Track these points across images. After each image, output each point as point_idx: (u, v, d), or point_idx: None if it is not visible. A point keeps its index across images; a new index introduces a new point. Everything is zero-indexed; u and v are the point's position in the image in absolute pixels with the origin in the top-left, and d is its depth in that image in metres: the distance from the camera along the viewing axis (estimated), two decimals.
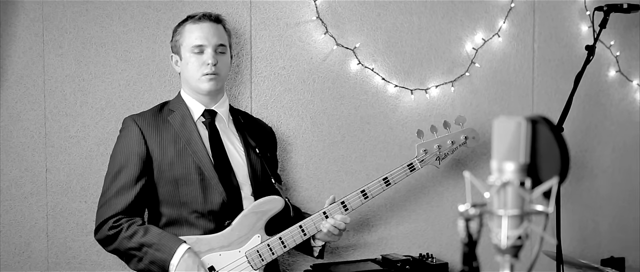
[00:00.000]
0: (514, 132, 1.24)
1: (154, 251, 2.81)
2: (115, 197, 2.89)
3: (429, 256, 3.60)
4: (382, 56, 3.75)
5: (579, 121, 4.19)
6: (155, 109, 3.07)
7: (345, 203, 3.09)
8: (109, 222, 2.87)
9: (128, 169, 2.91)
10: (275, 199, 3.02)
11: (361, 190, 3.13)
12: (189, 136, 2.98)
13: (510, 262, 1.25)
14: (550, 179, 1.24)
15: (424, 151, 3.24)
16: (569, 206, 4.17)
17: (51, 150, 3.24)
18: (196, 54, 2.99)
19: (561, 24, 4.14)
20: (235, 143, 3.10)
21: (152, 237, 2.82)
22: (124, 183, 2.90)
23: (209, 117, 3.06)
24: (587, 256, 4.19)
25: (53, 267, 3.27)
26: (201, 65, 2.99)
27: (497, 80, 4.00)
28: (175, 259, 2.79)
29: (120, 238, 2.84)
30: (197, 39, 2.99)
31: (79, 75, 3.26)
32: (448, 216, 3.92)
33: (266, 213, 3.00)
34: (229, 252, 2.94)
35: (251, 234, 2.97)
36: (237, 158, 3.06)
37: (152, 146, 2.93)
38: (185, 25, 3.04)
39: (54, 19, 3.21)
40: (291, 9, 3.56)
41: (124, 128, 3.00)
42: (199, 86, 3.01)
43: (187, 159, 2.94)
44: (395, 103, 3.78)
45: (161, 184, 2.94)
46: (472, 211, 1.23)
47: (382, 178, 3.17)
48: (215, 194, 2.94)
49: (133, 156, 2.91)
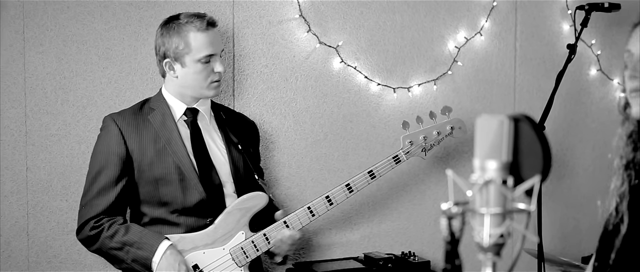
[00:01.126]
0: (496, 131, 1.24)
1: (135, 250, 2.79)
2: (96, 198, 2.88)
3: (411, 254, 3.61)
4: (365, 54, 3.75)
5: (560, 120, 4.22)
6: (135, 107, 3.03)
7: (330, 197, 3.07)
8: (90, 223, 2.85)
9: (108, 170, 2.88)
10: (259, 195, 3.01)
11: (346, 184, 3.11)
12: (169, 135, 2.96)
13: (492, 260, 1.25)
14: (532, 177, 1.25)
15: (409, 143, 3.20)
16: (550, 204, 4.19)
17: (32, 148, 3.22)
18: (204, 63, 2.93)
19: (543, 23, 4.16)
20: (217, 141, 3.09)
21: (133, 236, 2.81)
22: (105, 184, 2.88)
23: (190, 116, 3.03)
24: (568, 253, 4.21)
25: (34, 267, 3.24)
26: (210, 74, 2.95)
27: (479, 78, 4.01)
28: (157, 257, 2.78)
29: (102, 238, 2.82)
30: (208, 49, 2.92)
31: (60, 73, 3.24)
32: (430, 214, 3.93)
33: (250, 209, 2.98)
34: (213, 250, 2.93)
35: (235, 231, 2.96)
36: (219, 156, 3.05)
37: (131, 146, 2.91)
38: (189, 33, 2.91)
39: (34, 17, 3.19)
40: (274, 7, 3.56)
41: (103, 128, 2.97)
42: (205, 93, 2.99)
43: (167, 159, 2.92)
44: (377, 101, 3.79)
45: (141, 183, 2.93)
46: (454, 209, 1.23)
47: (367, 171, 3.14)
48: (194, 193, 2.92)
49: (113, 156, 2.89)
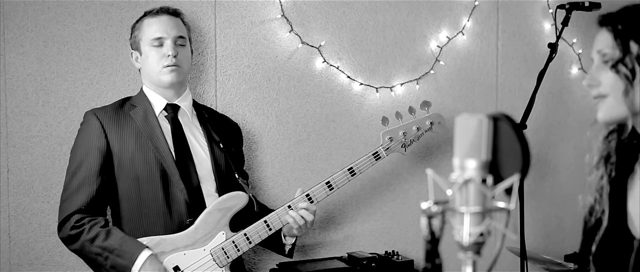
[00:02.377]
0: (475, 130, 1.25)
1: (115, 257, 2.76)
2: (76, 192, 2.86)
3: (395, 253, 3.61)
4: (347, 54, 3.75)
5: (542, 118, 4.24)
6: (116, 104, 3.04)
7: (310, 195, 3.07)
8: (71, 221, 2.83)
9: (88, 163, 2.87)
10: (239, 195, 3.00)
11: (326, 181, 3.11)
12: (151, 131, 2.95)
13: (473, 259, 1.26)
14: (512, 176, 1.25)
15: (389, 139, 3.21)
16: (532, 202, 4.21)
17: (12, 150, 3.20)
18: (156, 47, 2.97)
19: (524, 22, 4.18)
20: (199, 137, 3.08)
21: (114, 242, 2.78)
22: (85, 177, 2.86)
23: (171, 112, 3.03)
24: (551, 251, 4.23)
25: (15, 269, 3.22)
26: (161, 58, 2.97)
27: (461, 78, 4.02)
28: (136, 267, 2.75)
29: (82, 240, 2.80)
30: (156, 31, 2.98)
31: (40, 74, 3.22)
32: (413, 213, 3.94)
33: (230, 209, 2.97)
34: (193, 251, 2.91)
35: (216, 232, 2.94)
36: (201, 152, 3.04)
37: (112, 140, 2.90)
38: (144, 20, 3.03)
39: (14, 17, 3.17)
40: (256, 7, 3.55)
41: (84, 122, 2.97)
42: (161, 79, 2.99)
43: (148, 154, 2.91)
44: (360, 101, 3.79)
45: (122, 179, 2.91)
46: (434, 209, 1.23)
47: (347, 168, 3.15)
48: (176, 191, 2.92)
49: (93, 150, 2.88)
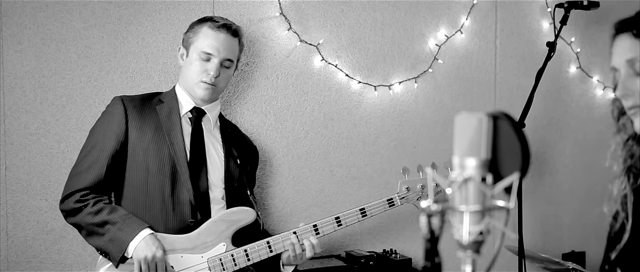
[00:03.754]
0: (475, 128, 1.24)
1: (116, 230, 2.77)
2: (86, 171, 2.87)
3: (393, 251, 3.61)
4: (346, 52, 3.75)
5: (540, 117, 4.24)
6: (145, 96, 3.07)
7: (317, 227, 3.01)
8: (76, 195, 2.85)
9: (103, 145, 2.89)
10: (248, 211, 2.99)
11: (336, 217, 3.06)
12: (171, 127, 2.97)
13: (472, 257, 1.25)
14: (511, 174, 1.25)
15: (406, 188, 3.15)
16: (530, 201, 4.21)
17: (10, 147, 3.19)
18: (202, 59, 2.99)
19: (523, 21, 4.18)
20: (216, 146, 3.09)
21: (117, 217, 2.80)
22: (97, 158, 2.88)
23: (195, 114, 3.05)
24: (549, 250, 4.24)
25: (13, 267, 3.22)
26: (203, 72, 2.99)
27: (459, 76, 4.02)
28: (135, 241, 2.75)
29: (84, 213, 2.81)
30: (209, 47, 2.99)
31: (38, 71, 3.21)
32: (412, 212, 3.93)
33: (236, 223, 2.96)
34: (191, 256, 2.90)
35: (217, 241, 2.93)
36: (215, 159, 3.05)
37: (131, 129, 2.92)
38: (203, 26, 3.03)
39: (12, 15, 3.16)
40: (254, 5, 3.55)
41: (110, 105, 2.99)
42: (195, 90, 3.01)
43: (162, 149, 2.92)
44: (358, 99, 3.79)
45: (131, 168, 2.92)
46: (434, 207, 1.23)
47: (358, 209, 3.06)
48: (183, 190, 2.91)
49: (111, 133, 2.90)
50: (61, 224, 3.26)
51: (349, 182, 3.80)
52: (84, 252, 3.30)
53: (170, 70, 3.39)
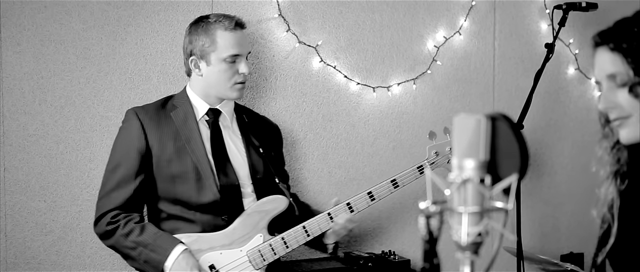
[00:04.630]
0: (473, 130, 1.25)
1: (149, 252, 2.78)
2: (114, 190, 2.88)
3: (391, 253, 3.61)
4: (344, 54, 3.75)
5: (539, 118, 4.24)
6: (158, 103, 3.06)
7: (351, 204, 3.06)
8: (107, 217, 2.86)
9: (127, 163, 2.90)
10: (279, 199, 3.00)
11: (368, 191, 3.08)
12: (189, 134, 2.97)
13: (471, 258, 1.26)
14: (510, 176, 1.25)
15: (435, 153, 3.14)
16: (529, 202, 4.21)
17: (9, 149, 3.19)
18: (229, 63, 2.98)
19: (521, 22, 4.18)
20: (237, 143, 3.09)
21: (148, 237, 2.80)
22: (123, 177, 2.89)
23: (212, 116, 3.05)
24: (547, 251, 4.24)
25: (11, 268, 3.22)
26: (234, 75, 2.99)
27: (458, 78, 4.03)
28: (169, 261, 2.76)
29: (117, 235, 2.82)
30: (234, 48, 2.98)
31: (37, 72, 3.21)
32: (410, 213, 3.94)
33: (269, 212, 2.98)
34: (230, 251, 2.92)
35: (253, 233, 2.95)
36: (238, 157, 3.05)
37: (152, 141, 2.92)
38: (216, 31, 2.97)
39: (11, 16, 3.16)
40: (253, 6, 3.55)
41: (125, 120, 2.99)
42: (229, 94, 3.02)
43: (185, 158, 2.93)
44: (357, 101, 3.79)
45: (159, 180, 2.93)
46: (432, 208, 1.23)
47: (390, 180, 3.09)
48: (208, 193, 2.92)
49: (132, 150, 2.90)
50: (60, 225, 3.26)
51: (347, 184, 3.80)
52: (82, 254, 3.30)
53: (169, 72, 3.39)
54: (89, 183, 3.29)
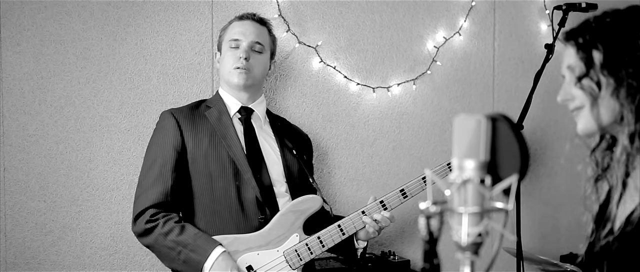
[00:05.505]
0: (474, 130, 1.25)
1: (188, 252, 2.78)
2: (151, 187, 2.87)
3: (391, 253, 3.61)
4: (344, 54, 3.75)
5: (538, 119, 4.24)
6: (192, 105, 3.08)
7: (384, 202, 3.06)
8: (145, 215, 2.84)
9: (163, 160, 2.89)
10: (314, 198, 3.01)
11: (400, 189, 3.09)
12: (224, 130, 2.98)
13: (471, 259, 1.26)
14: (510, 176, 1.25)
15: None
16: (528, 203, 4.21)
17: (9, 149, 3.19)
18: (232, 48, 3.03)
19: (521, 23, 4.18)
20: (271, 142, 3.10)
21: (188, 237, 2.79)
22: (159, 173, 2.88)
23: (244, 114, 3.07)
24: (547, 252, 4.24)
25: (11, 268, 3.22)
26: (234, 60, 3.02)
27: (458, 78, 4.03)
28: (209, 262, 2.75)
29: (156, 234, 2.81)
30: (235, 33, 3.06)
31: (37, 73, 3.21)
32: (410, 214, 3.94)
33: (304, 212, 2.98)
34: (267, 252, 2.91)
35: (289, 233, 2.94)
36: (272, 155, 3.06)
37: (187, 138, 2.93)
38: (230, 23, 3.13)
39: (11, 16, 3.16)
40: (253, 6, 3.55)
41: (160, 120, 3.00)
42: (230, 79, 3.03)
43: (221, 153, 2.93)
44: (357, 101, 3.79)
45: (195, 176, 2.92)
46: (433, 209, 1.23)
47: (421, 177, 3.11)
48: (248, 188, 2.92)
49: (168, 147, 2.91)
50: (59, 225, 3.26)
51: (347, 184, 3.80)
52: (82, 254, 3.30)
53: (169, 72, 3.39)
54: (88, 183, 3.29)
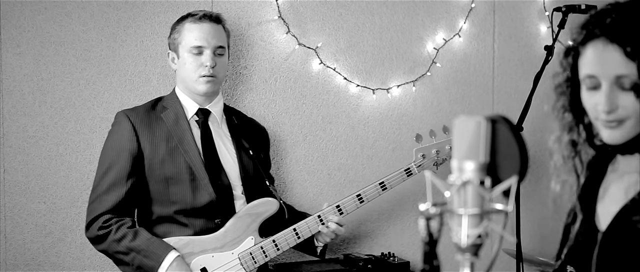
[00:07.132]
0: (473, 132, 1.25)
1: (142, 257, 2.77)
2: (105, 193, 2.86)
3: (391, 255, 3.61)
4: (344, 56, 3.75)
5: (538, 120, 4.23)
6: (148, 105, 3.04)
7: (340, 207, 3.07)
8: (99, 221, 2.83)
9: (119, 166, 2.87)
10: (270, 201, 3.01)
11: (357, 194, 3.10)
12: (181, 135, 2.96)
13: (470, 260, 1.26)
14: (510, 178, 1.25)
15: (421, 156, 3.18)
16: (528, 204, 4.21)
17: (9, 150, 3.19)
18: (195, 54, 2.97)
19: (521, 24, 4.18)
20: (227, 144, 3.09)
21: (141, 243, 2.78)
22: (115, 180, 2.87)
23: (202, 117, 3.05)
24: (547, 253, 4.23)
25: (11, 269, 3.22)
26: (199, 67, 2.97)
27: (457, 80, 4.03)
28: (162, 268, 2.76)
29: (109, 240, 2.80)
30: (197, 39, 2.97)
31: (37, 74, 3.21)
32: (410, 215, 3.94)
33: (260, 215, 2.98)
34: (221, 254, 2.92)
35: (245, 236, 2.95)
36: (229, 159, 3.05)
37: (143, 143, 2.91)
38: (185, 23, 3.01)
39: (11, 17, 3.16)
40: (253, 8, 3.55)
41: (115, 123, 2.97)
42: (196, 87, 3.00)
43: (178, 158, 2.92)
44: (357, 103, 3.79)
45: (152, 182, 2.91)
46: (432, 210, 1.23)
47: (378, 183, 3.14)
48: (204, 194, 2.92)
49: (124, 152, 2.88)
50: (59, 227, 3.26)
51: (347, 185, 3.80)
52: (82, 255, 3.30)
53: (169, 73, 3.39)
54: (88, 185, 3.29)
